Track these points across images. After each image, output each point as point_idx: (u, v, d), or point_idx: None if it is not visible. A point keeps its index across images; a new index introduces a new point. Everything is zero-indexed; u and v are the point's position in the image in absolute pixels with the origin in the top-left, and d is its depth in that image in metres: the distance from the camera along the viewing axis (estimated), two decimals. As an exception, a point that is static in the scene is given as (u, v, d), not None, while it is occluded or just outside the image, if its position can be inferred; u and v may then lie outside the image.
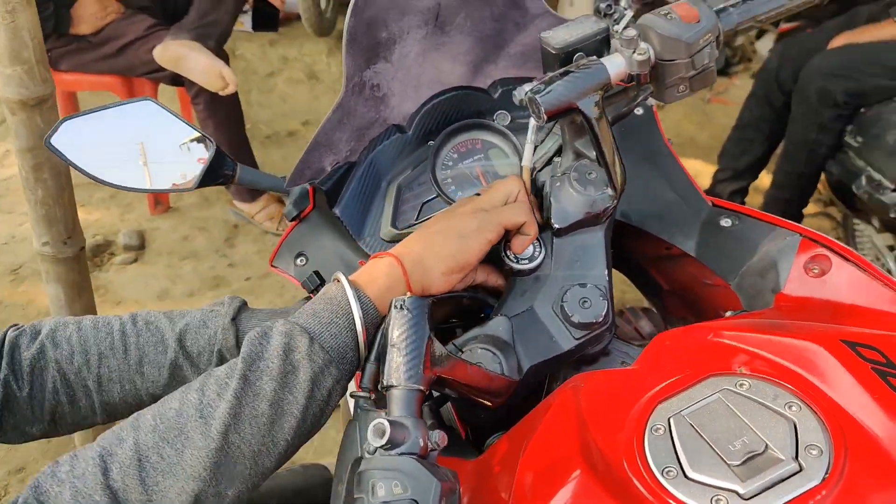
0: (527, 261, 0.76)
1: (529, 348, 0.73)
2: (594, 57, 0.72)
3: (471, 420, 0.81)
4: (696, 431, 0.54)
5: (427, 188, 0.92)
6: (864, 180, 1.68)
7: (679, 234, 0.88)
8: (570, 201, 0.76)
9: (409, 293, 0.65)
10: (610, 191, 0.76)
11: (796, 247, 0.75)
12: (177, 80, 2.35)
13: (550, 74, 0.71)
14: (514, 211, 0.72)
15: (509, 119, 0.95)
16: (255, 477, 0.58)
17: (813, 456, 0.49)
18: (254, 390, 0.57)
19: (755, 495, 0.48)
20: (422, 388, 0.59)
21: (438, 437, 0.58)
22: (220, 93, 2.24)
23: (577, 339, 0.74)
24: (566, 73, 0.70)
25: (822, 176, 1.93)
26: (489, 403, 0.69)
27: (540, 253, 0.77)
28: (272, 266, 0.96)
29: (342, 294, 0.64)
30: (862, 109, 1.76)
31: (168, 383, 0.70)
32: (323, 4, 3.48)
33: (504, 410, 0.72)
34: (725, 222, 0.85)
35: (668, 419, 0.55)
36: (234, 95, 2.36)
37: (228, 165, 0.90)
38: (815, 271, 0.72)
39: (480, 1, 0.86)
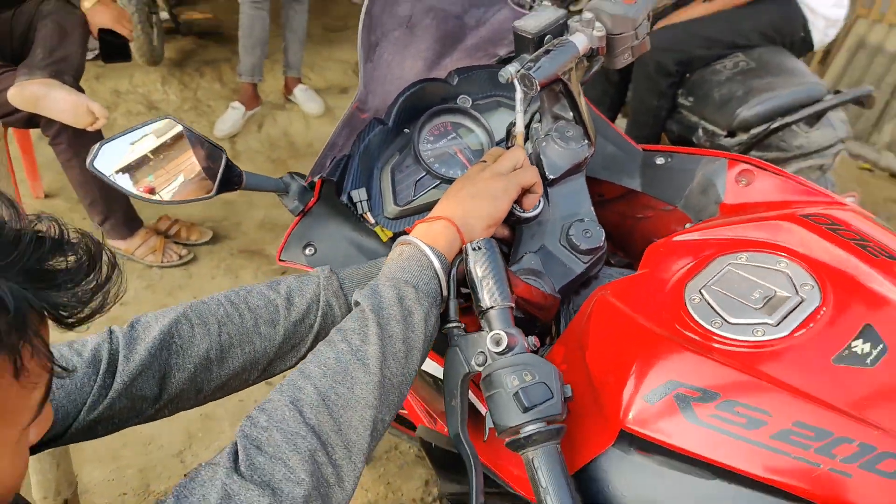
0: (531, 210, 0.93)
1: (553, 276, 0.89)
2: (562, 37, 0.90)
3: None
4: (724, 293, 0.73)
5: (415, 168, 1.05)
6: (700, 132, 2.03)
7: (625, 176, 1.09)
8: (557, 156, 0.94)
9: (464, 244, 0.79)
10: (587, 142, 0.95)
11: (725, 166, 0.98)
12: (31, 121, 2.23)
13: (535, 54, 0.88)
14: (529, 174, 0.88)
15: (470, 102, 1.11)
16: (400, 403, 0.69)
17: (808, 289, 0.71)
18: (388, 332, 0.68)
19: (780, 321, 0.69)
20: (512, 304, 0.74)
21: (534, 340, 0.73)
22: (89, 128, 2.16)
23: (585, 262, 0.91)
24: (547, 51, 0.88)
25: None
26: (542, 318, 0.84)
27: (540, 203, 0.93)
28: (280, 260, 1.04)
29: (419, 252, 0.76)
30: (688, 75, 2.12)
31: (283, 339, 0.78)
32: (151, 34, 3.40)
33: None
34: (660, 160, 1.07)
35: (699, 290, 0.75)
36: (99, 132, 2.28)
37: (236, 172, 0.97)
38: (744, 182, 0.96)
39: (447, 3, 1.01)
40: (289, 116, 3.39)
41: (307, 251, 1.03)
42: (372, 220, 1.01)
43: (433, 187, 1.04)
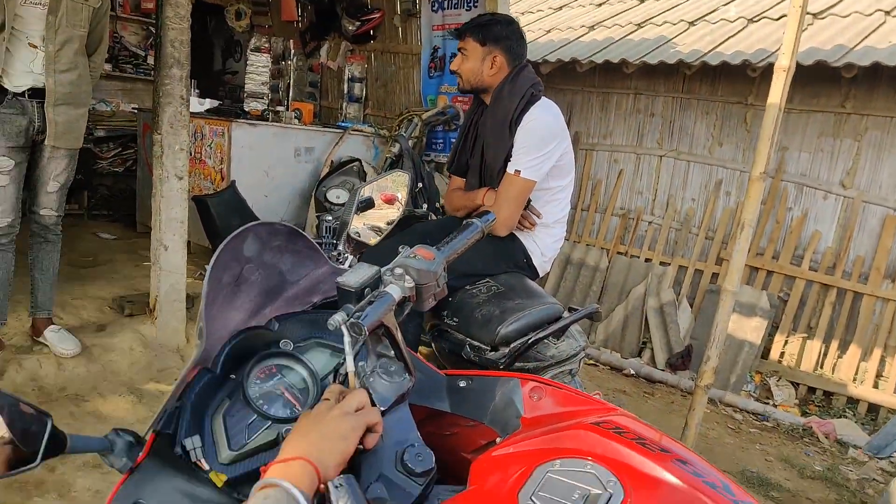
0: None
1: (394, 502, 0.97)
2: (380, 289, 1.06)
3: None
4: (551, 497, 0.87)
5: (246, 412, 1.09)
6: (468, 348, 2.29)
7: (435, 400, 1.23)
8: (384, 389, 1.06)
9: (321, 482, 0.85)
10: (408, 376, 1.08)
11: (519, 384, 1.17)
12: None
13: (359, 305, 1.02)
14: (373, 414, 0.98)
15: (292, 345, 1.20)
16: None
17: (613, 485, 0.87)
18: None
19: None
20: None
21: None
22: None
23: (421, 484, 1.00)
24: (370, 302, 1.03)
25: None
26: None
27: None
28: None
29: (288, 495, 0.80)
30: (450, 297, 2.42)
31: None
32: None
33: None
34: (462, 383, 1.24)
35: (530, 497, 0.88)
36: None
37: (60, 437, 0.93)
38: (536, 397, 1.15)
39: (276, 262, 1.13)
40: (38, 360, 3.09)
41: None
42: (206, 467, 1.01)
43: (265, 428, 1.09)
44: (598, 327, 5.62)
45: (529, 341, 2.11)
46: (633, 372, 5.17)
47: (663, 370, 5.23)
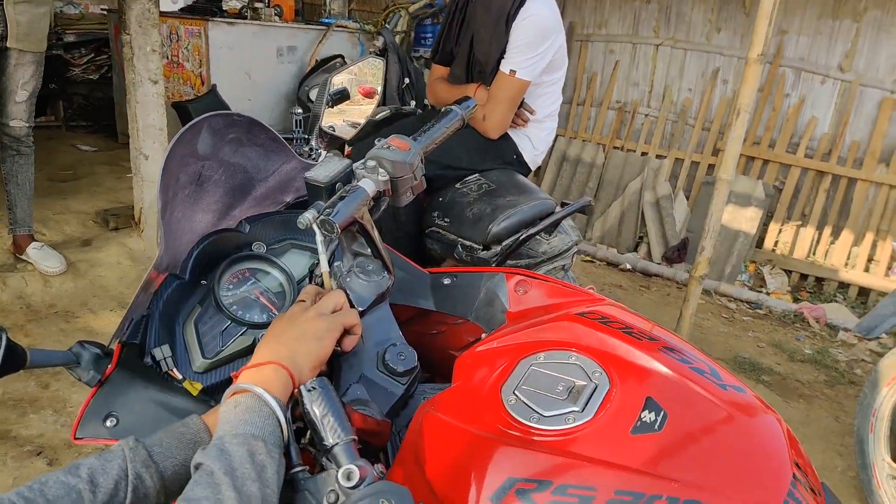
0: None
1: (377, 402, 0.94)
2: (353, 183, 1.00)
3: None
4: (534, 390, 0.84)
5: (219, 318, 1.05)
6: (460, 248, 2.24)
7: (419, 298, 1.19)
8: (362, 289, 1.01)
9: (295, 386, 0.82)
10: (387, 274, 1.03)
11: (504, 279, 1.13)
12: None
13: (330, 200, 0.95)
14: (350, 315, 0.94)
15: (265, 247, 1.14)
16: None
17: (598, 376, 0.84)
18: (245, 494, 0.67)
19: (584, 406, 0.81)
20: (354, 437, 0.77)
21: (381, 467, 0.76)
22: None
23: (404, 384, 0.97)
24: (342, 197, 0.96)
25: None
26: (378, 444, 0.88)
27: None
28: (76, 439, 0.95)
29: (259, 401, 0.77)
30: (440, 198, 2.35)
31: None
32: None
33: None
34: (447, 280, 1.20)
35: (513, 392, 0.85)
36: None
37: (20, 351, 0.89)
38: (522, 291, 1.11)
39: (238, 158, 1.06)
40: (23, 278, 3.05)
41: (108, 423, 0.95)
42: (179, 376, 0.98)
43: (240, 335, 1.05)
44: (595, 224, 5.59)
45: (521, 238, 2.06)
46: (629, 267, 5.18)
47: (659, 264, 5.24)
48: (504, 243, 2.10)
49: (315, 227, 0.93)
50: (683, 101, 5.62)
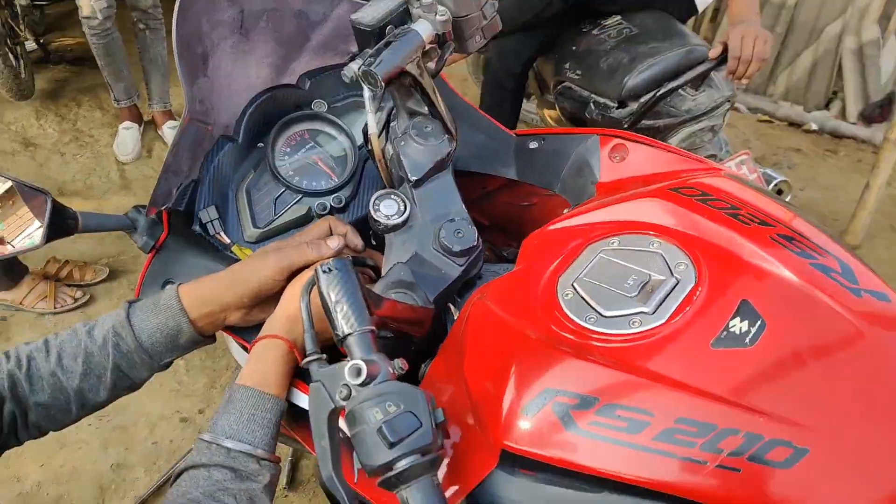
0: (396, 216, 0.86)
1: (428, 284, 0.82)
2: (405, 26, 0.83)
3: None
4: (597, 284, 0.68)
5: (274, 185, 0.97)
6: (592, 105, 1.99)
7: (499, 166, 1.03)
8: (417, 154, 0.87)
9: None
10: (447, 137, 0.88)
11: (598, 143, 0.93)
12: None
13: (376, 47, 0.80)
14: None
15: (326, 106, 1.02)
16: None
17: (682, 269, 0.66)
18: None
19: (656, 308, 0.63)
20: (372, 328, 0.66)
21: (400, 363, 0.65)
22: None
23: (461, 265, 0.84)
24: (388, 43, 0.80)
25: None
26: (415, 333, 0.77)
27: (406, 207, 0.86)
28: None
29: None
30: (573, 46, 2.08)
31: (84, 371, 0.79)
32: (16, 66, 3.16)
33: (426, 343, 0.81)
34: (533, 144, 1.02)
35: (572, 284, 0.69)
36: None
37: (70, 215, 0.86)
38: (618, 158, 0.91)
39: (277, 2, 0.92)
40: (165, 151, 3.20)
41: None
42: (227, 240, 0.93)
43: (295, 203, 0.96)
44: (779, 77, 4.89)
45: (659, 94, 1.77)
46: (815, 127, 4.51)
47: (854, 123, 4.52)
48: (641, 99, 1.82)
49: (361, 81, 0.79)
50: (909, -80, 4.57)
